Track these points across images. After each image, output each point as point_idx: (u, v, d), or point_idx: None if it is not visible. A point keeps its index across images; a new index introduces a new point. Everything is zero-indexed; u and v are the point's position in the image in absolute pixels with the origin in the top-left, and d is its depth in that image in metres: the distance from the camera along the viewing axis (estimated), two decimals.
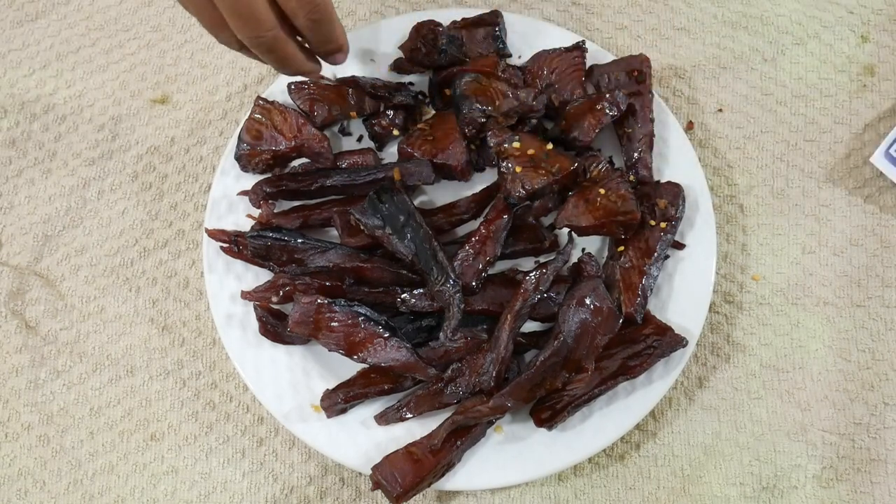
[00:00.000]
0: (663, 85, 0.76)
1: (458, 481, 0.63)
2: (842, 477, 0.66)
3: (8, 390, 0.70)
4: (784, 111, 0.75)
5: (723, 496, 0.66)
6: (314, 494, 0.67)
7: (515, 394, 0.62)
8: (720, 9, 0.78)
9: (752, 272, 0.71)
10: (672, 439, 0.67)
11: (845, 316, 0.70)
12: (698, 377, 0.68)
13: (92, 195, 0.75)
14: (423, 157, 0.69)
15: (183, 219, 0.74)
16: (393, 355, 0.63)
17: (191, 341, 0.71)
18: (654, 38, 0.78)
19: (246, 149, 0.70)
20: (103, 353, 0.71)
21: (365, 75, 0.73)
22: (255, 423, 0.69)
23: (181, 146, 0.76)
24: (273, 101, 0.71)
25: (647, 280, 0.66)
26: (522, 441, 0.64)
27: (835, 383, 0.68)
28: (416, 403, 0.64)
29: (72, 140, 0.77)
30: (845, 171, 0.73)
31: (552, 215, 0.69)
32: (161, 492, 0.67)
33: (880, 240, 0.71)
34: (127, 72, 0.79)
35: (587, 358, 0.63)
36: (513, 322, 0.63)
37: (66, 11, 0.81)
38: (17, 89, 0.79)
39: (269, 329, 0.66)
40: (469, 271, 0.65)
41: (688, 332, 0.65)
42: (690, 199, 0.69)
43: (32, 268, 0.73)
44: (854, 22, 0.77)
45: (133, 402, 0.70)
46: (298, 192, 0.69)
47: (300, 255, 0.67)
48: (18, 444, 0.69)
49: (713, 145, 0.74)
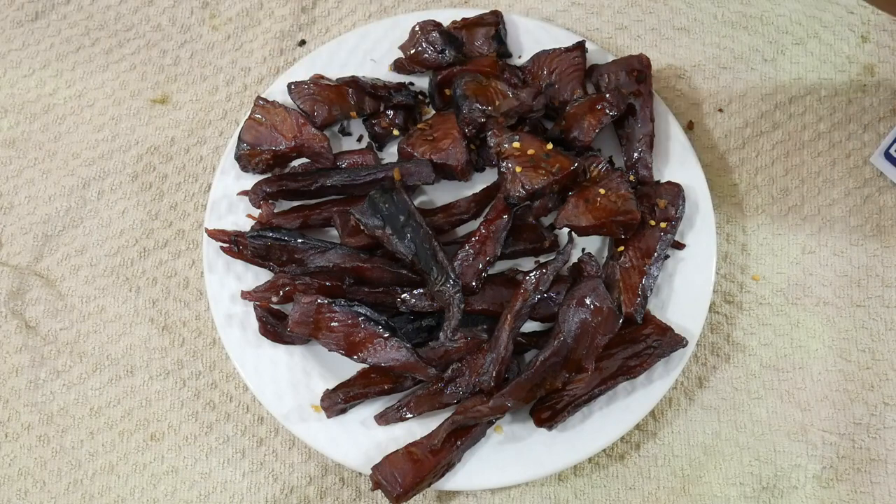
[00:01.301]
0: (663, 85, 0.76)
1: (458, 481, 0.63)
2: (842, 477, 0.66)
3: (8, 390, 0.70)
4: (784, 111, 0.75)
5: (723, 496, 0.66)
6: (314, 494, 0.67)
7: (515, 394, 0.62)
8: (720, 9, 0.78)
9: (752, 272, 0.71)
10: (672, 439, 0.67)
11: (845, 316, 0.70)
12: (698, 377, 0.68)
13: (92, 195, 0.75)
14: (423, 157, 0.69)
15: (183, 219, 0.74)
16: (393, 355, 0.63)
17: (191, 341, 0.71)
18: (654, 38, 0.78)
19: (246, 149, 0.70)
20: (103, 353, 0.71)
21: (365, 75, 0.73)
22: (255, 423, 0.69)
23: (181, 146, 0.76)
24: (273, 101, 0.71)
25: (647, 280, 0.66)
26: (522, 441, 0.64)
27: (835, 383, 0.68)
28: (416, 403, 0.64)
29: (72, 140, 0.77)
30: (845, 171, 0.73)
31: (552, 215, 0.69)
32: (161, 492, 0.67)
33: (880, 240, 0.71)
34: (127, 72, 0.79)
35: (587, 358, 0.63)
36: (513, 322, 0.63)
37: (67, 11, 0.81)
38: (17, 89, 0.79)
39: (269, 329, 0.66)
40: (469, 271, 0.65)
41: (688, 332, 0.65)
42: (690, 199, 0.69)
43: (32, 268, 0.73)
44: (854, 22, 0.77)
45: (133, 402, 0.70)
46: (298, 192, 0.69)
47: (300, 255, 0.67)
48: (18, 444, 0.69)
49: (713, 145, 0.74)
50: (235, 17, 0.80)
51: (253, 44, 0.79)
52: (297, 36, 0.79)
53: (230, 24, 0.80)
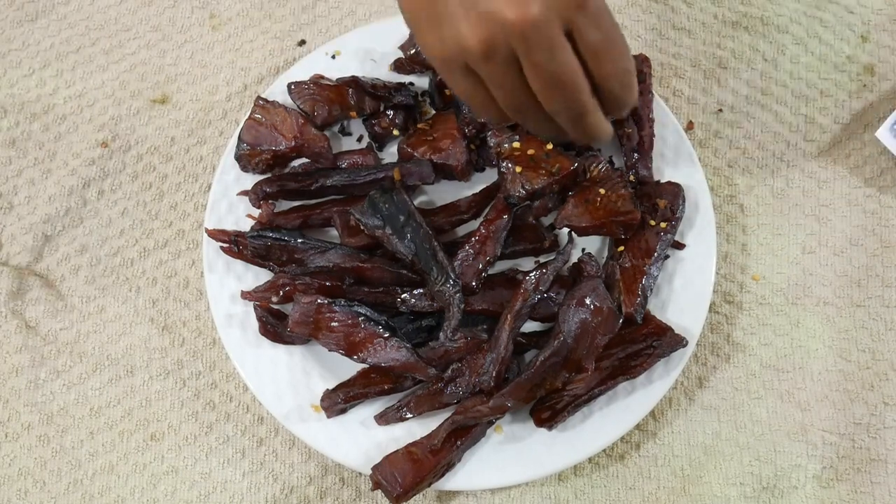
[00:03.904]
0: (663, 85, 0.76)
1: (458, 481, 0.63)
2: (842, 477, 0.66)
3: (8, 390, 0.70)
4: (784, 111, 0.75)
5: (723, 496, 0.66)
6: (314, 494, 0.67)
7: (515, 394, 0.62)
8: (720, 9, 0.78)
9: (752, 272, 0.71)
10: (672, 439, 0.67)
11: (845, 316, 0.70)
12: (698, 377, 0.68)
13: (92, 195, 0.75)
14: (423, 157, 0.69)
15: (183, 219, 0.74)
16: (393, 355, 0.63)
17: (191, 341, 0.71)
18: (653, 37, 0.78)
19: (246, 149, 0.70)
20: (103, 353, 0.71)
21: (365, 75, 0.73)
22: (255, 423, 0.69)
23: (181, 146, 0.76)
24: (273, 101, 0.71)
25: (647, 280, 0.66)
26: (522, 441, 0.64)
27: (835, 383, 0.68)
28: (416, 403, 0.64)
29: (72, 140, 0.77)
30: (845, 170, 0.73)
31: (552, 215, 0.69)
32: (161, 492, 0.67)
33: (880, 240, 0.71)
34: (127, 72, 0.79)
35: (587, 358, 0.63)
36: (513, 322, 0.63)
37: (66, 11, 0.81)
38: (17, 89, 0.79)
39: (269, 329, 0.66)
40: (469, 271, 0.65)
41: (688, 332, 0.65)
42: (690, 199, 0.69)
43: (32, 268, 0.73)
44: (854, 22, 0.77)
45: (133, 402, 0.70)
46: (298, 192, 0.69)
47: (300, 255, 0.67)
48: (18, 444, 0.69)
49: (713, 145, 0.74)
50: (235, 17, 0.80)
51: (253, 44, 0.79)
52: (297, 36, 0.79)
53: (230, 24, 0.80)
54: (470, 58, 0.48)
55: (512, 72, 0.48)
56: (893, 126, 0.70)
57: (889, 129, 0.70)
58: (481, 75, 0.49)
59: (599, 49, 0.48)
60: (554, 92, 0.49)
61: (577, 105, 0.50)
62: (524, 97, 0.50)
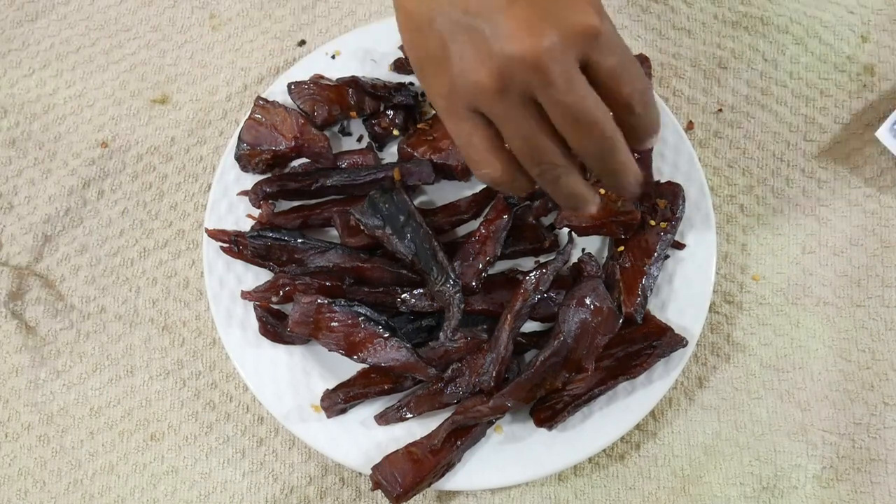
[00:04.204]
0: (663, 85, 0.76)
1: (458, 481, 0.63)
2: (842, 477, 0.66)
3: (8, 390, 0.70)
4: (784, 111, 0.75)
5: (723, 496, 0.66)
6: (314, 494, 0.67)
7: (515, 394, 0.62)
8: (720, 9, 0.78)
9: (752, 272, 0.71)
10: (672, 439, 0.67)
11: (845, 316, 0.70)
12: (698, 377, 0.68)
13: (92, 195, 0.75)
14: (423, 157, 0.69)
15: (183, 219, 0.74)
16: (393, 355, 0.63)
17: (191, 341, 0.71)
18: (653, 37, 0.78)
19: (246, 149, 0.70)
20: (103, 353, 0.71)
21: (365, 75, 0.73)
22: (255, 423, 0.69)
23: (181, 146, 0.76)
24: (273, 101, 0.71)
25: (647, 280, 0.66)
26: (522, 441, 0.64)
27: (835, 383, 0.68)
28: (416, 403, 0.64)
29: (72, 140, 0.77)
30: (845, 171, 0.73)
31: (552, 215, 0.69)
32: (161, 492, 0.67)
33: (880, 240, 0.71)
34: (127, 72, 0.79)
35: (587, 358, 0.63)
36: (513, 322, 0.63)
37: (66, 11, 0.81)
38: (17, 89, 0.79)
39: (269, 329, 0.66)
40: (469, 271, 0.65)
41: (688, 332, 0.65)
42: (690, 199, 0.69)
43: (32, 268, 0.73)
44: (854, 22, 0.77)
45: (133, 402, 0.70)
46: (298, 192, 0.70)
47: (300, 255, 0.67)
48: (18, 444, 0.69)
49: (713, 145, 0.74)
50: (235, 17, 0.80)
51: (253, 44, 0.79)
52: (297, 36, 0.79)
53: (230, 25, 0.80)
54: (482, 97, 0.45)
55: (528, 111, 0.45)
56: (893, 126, 0.70)
57: (889, 129, 0.70)
58: (493, 119, 0.46)
59: (617, 73, 0.46)
60: (579, 125, 0.45)
61: (604, 139, 0.46)
62: (541, 139, 0.46)
